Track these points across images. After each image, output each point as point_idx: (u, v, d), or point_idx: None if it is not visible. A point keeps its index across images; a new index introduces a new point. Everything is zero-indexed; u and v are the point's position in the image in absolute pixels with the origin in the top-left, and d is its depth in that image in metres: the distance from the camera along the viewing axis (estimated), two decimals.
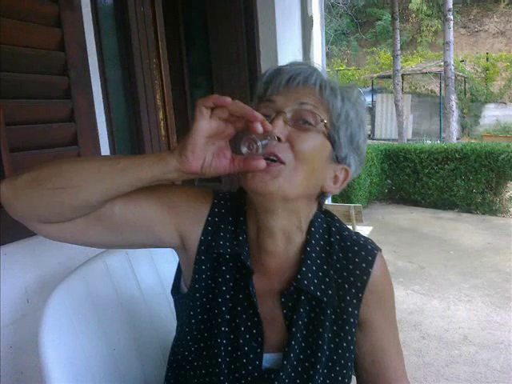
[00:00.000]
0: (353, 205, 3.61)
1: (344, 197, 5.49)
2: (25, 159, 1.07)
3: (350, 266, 0.74)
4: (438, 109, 13.43)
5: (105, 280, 0.98)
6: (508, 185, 5.57)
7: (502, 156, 5.42)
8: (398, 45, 10.43)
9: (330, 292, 0.73)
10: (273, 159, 0.64)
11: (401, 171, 6.37)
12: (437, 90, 14.16)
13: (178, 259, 0.81)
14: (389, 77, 13.16)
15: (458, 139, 11.03)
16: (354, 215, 3.55)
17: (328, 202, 3.60)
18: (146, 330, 1.02)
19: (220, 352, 0.73)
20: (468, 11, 18.38)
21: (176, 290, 0.82)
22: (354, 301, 0.74)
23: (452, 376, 2.32)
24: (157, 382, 0.98)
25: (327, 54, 15.98)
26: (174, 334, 0.86)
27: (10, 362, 1.07)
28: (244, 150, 0.60)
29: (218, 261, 0.74)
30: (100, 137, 1.30)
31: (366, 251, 0.76)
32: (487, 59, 14.89)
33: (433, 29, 18.13)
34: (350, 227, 1.02)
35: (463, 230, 5.11)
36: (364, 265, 0.74)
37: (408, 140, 11.18)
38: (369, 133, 13.53)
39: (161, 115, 1.90)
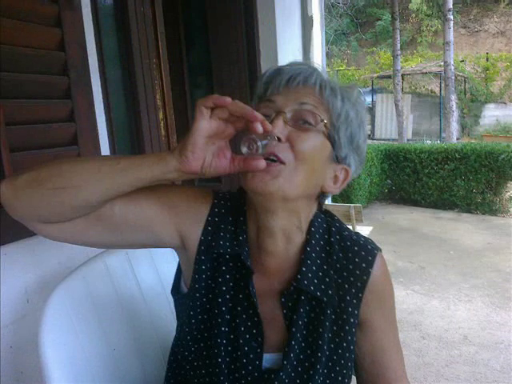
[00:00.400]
0: (353, 205, 3.61)
1: (344, 197, 5.48)
2: (25, 159, 1.07)
3: (350, 266, 0.74)
4: (438, 109, 13.42)
5: (105, 280, 0.98)
6: (508, 185, 5.57)
7: (502, 156, 5.42)
8: (398, 45, 10.43)
9: (330, 292, 0.73)
10: (273, 159, 0.64)
11: (401, 171, 6.37)
12: (437, 90, 14.16)
13: (177, 259, 0.81)
14: (389, 77, 13.17)
15: (458, 139, 11.03)
16: (354, 215, 3.55)
17: (328, 201, 3.60)
18: (146, 330, 1.02)
19: (220, 352, 0.73)
20: (468, 11, 18.38)
21: (176, 290, 0.82)
22: (354, 301, 0.74)
23: (452, 376, 2.32)
24: (157, 382, 0.98)
25: (327, 54, 15.98)
26: (173, 333, 0.86)
27: (10, 362, 1.07)
28: (244, 150, 0.60)
29: (218, 261, 0.74)
30: (100, 137, 1.29)
31: (366, 251, 0.76)
32: (487, 59, 14.90)
33: (433, 29, 18.13)
34: (350, 227, 1.02)
35: (463, 229, 5.11)
36: (364, 265, 0.74)
37: (408, 140, 11.18)
38: (369, 133, 13.53)
39: (161, 115, 1.90)
